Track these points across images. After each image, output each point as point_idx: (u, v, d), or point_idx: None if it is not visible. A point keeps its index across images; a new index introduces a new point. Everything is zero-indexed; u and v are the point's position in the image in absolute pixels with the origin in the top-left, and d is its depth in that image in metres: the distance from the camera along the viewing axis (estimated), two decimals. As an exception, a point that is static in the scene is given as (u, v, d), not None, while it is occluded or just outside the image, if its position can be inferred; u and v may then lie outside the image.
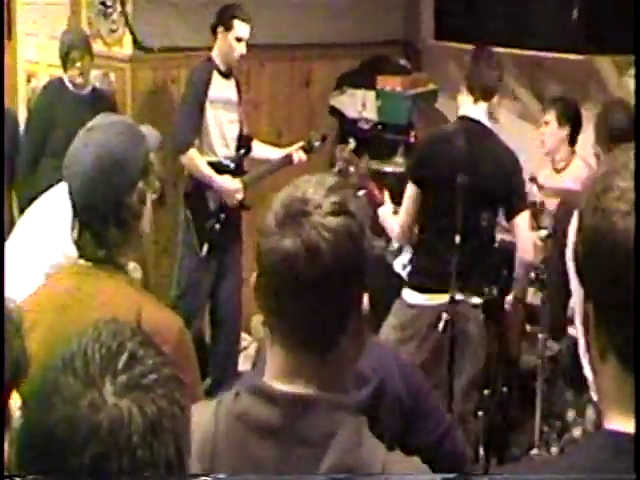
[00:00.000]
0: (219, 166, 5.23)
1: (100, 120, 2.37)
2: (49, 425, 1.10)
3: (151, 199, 2.37)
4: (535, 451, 4.45)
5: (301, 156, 5.39)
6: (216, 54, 5.21)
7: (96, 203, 2.26)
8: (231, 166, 5.29)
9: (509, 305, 4.62)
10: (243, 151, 5.41)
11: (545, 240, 4.49)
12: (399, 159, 5.81)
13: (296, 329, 1.50)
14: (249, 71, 6.06)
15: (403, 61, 6.60)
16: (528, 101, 6.09)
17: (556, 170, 5.21)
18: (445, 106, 6.21)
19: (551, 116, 5.14)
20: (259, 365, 2.06)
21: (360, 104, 6.25)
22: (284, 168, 5.33)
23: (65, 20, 6.12)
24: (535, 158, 5.37)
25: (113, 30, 5.82)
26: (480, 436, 4.61)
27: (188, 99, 5.15)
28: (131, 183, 2.27)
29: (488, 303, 4.32)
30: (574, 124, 5.15)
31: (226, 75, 5.25)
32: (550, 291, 4.30)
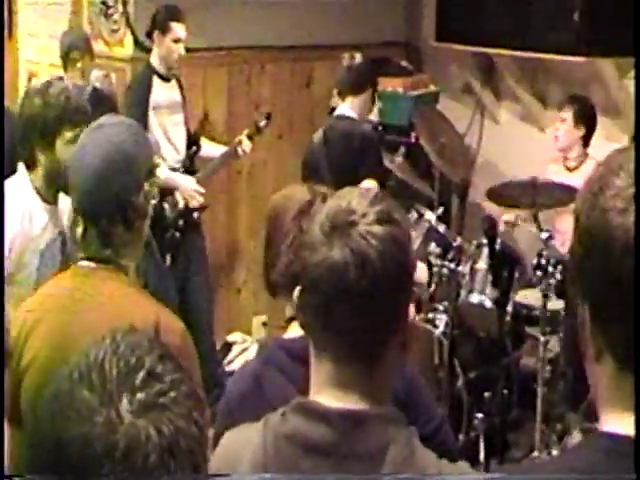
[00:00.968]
0: (172, 172, 5.20)
1: (107, 119, 2.37)
2: (64, 441, 1.07)
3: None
4: (536, 453, 4.45)
5: (245, 145, 5.33)
6: (155, 59, 5.18)
7: (105, 200, 2.25)
8: (181, 170, 5.28)
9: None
10: (194, 149, 5.39)
11: (546, 242, 4.50)
12: (399, 160, 5.80)
13: (346, 341, 1.48)
14: (250, 73, 6.06)
15: (404, 62, 6.59)
16: (529, 103, 6.09)
17: (567, 168, 5.22)
18: (446, 107, 6.21)
19: (568, 114, 5.15)
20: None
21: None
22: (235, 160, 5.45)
23: (66, 20, 6.12)
24: (536, 159, 5.38)
25: (114, 30, 5.82)
26: (480, 438, 4.61)
27: (131, 108, 5.05)
28: (139, 183, 2.27)
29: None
30: (590, 125, 5.16)
31: (166, 78, 5.22)
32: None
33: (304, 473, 1.47)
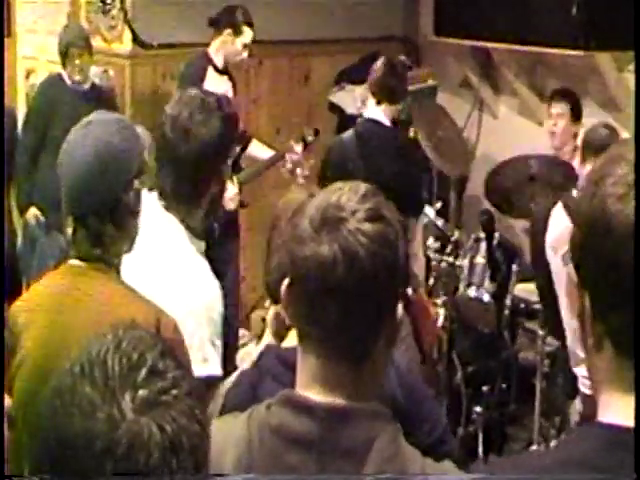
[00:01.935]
0: None
1: (97, 116, 2.33)
2: (66, 438, 1.07)
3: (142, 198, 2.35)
4: (534, 447, 4.45)
5: (297, 151, 5.37)
6: (215, 51, 5.19)
7: (93, 199, 2.23)
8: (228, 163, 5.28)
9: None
10: (239, 148, 5.39)
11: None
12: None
13: (332, 337, 1.47)
14: (248, 68, 6.06)
15: (403, 57, 6.59)
16: (527, 97, 6.09)
17: None
18: (444, 102, 6.21)
19: (563, 110, 5.11)
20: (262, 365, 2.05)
21: (359, 100, 6.23)
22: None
23: (64, 16, 6.12)
24: (534, 153, 5.37)
25: (112, 26, 5.82)
26: (479, 432, 4.62)
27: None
28: (128, 180, 2.25)
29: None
30: (579, 121, 5.15)
31: (221, 71, 5.24)
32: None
33: (288, 465, 1.47)
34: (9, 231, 5.43)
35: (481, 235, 4.82)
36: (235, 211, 5.35)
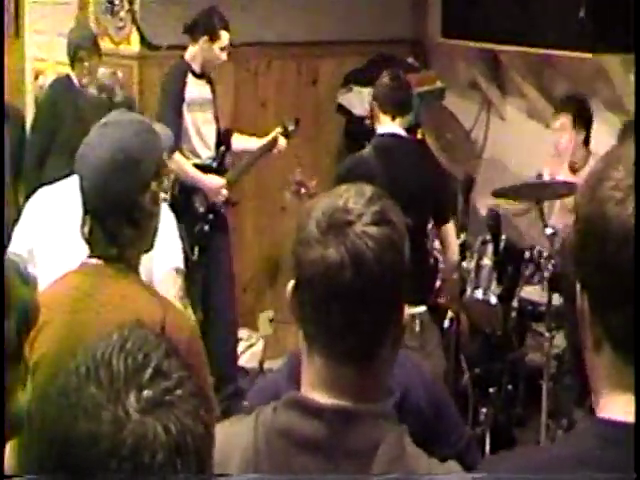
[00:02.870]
0: (203, 168, 5.23)
1: (116, 116, 2.33)
2: (71, 438, 1.07)
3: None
4: (541, 449, 4.45)
5: (280, 142, 5.37)
6: (192, 58, 5.20)
7: (109, 200, 2.22)
8: (214, 165, 5.31)
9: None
10: (223, 148, 5.41)
11: (551, 238, 4.50)
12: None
13: (339, 340, 1.48)
14: (256, 70, 6.07)
15: (410, 59, 6.59)
16: (535, 99, 6.08)
17: (572, 170, 5.18)
18: (452, 104, 6.21)
19: (567, 120, 5.08)
20: (283, 371, 2.05)
21: (367, 102, 6.24)
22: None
23: (73, 18, 6.13)
24: (542, 156, 5.37)
25: (120, 28, 5.83)
26: (486, 433, 4.62)
27: (167, 103, 5.11)
28: (144, 183, 2.24)
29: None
30: (589, 125, 5.13)
31: (200, 75, 5.24)
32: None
33: (295, 468, 1.47)
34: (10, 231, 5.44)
35: (488, 237, 4.82)
36: (225, 212, 5.36)
